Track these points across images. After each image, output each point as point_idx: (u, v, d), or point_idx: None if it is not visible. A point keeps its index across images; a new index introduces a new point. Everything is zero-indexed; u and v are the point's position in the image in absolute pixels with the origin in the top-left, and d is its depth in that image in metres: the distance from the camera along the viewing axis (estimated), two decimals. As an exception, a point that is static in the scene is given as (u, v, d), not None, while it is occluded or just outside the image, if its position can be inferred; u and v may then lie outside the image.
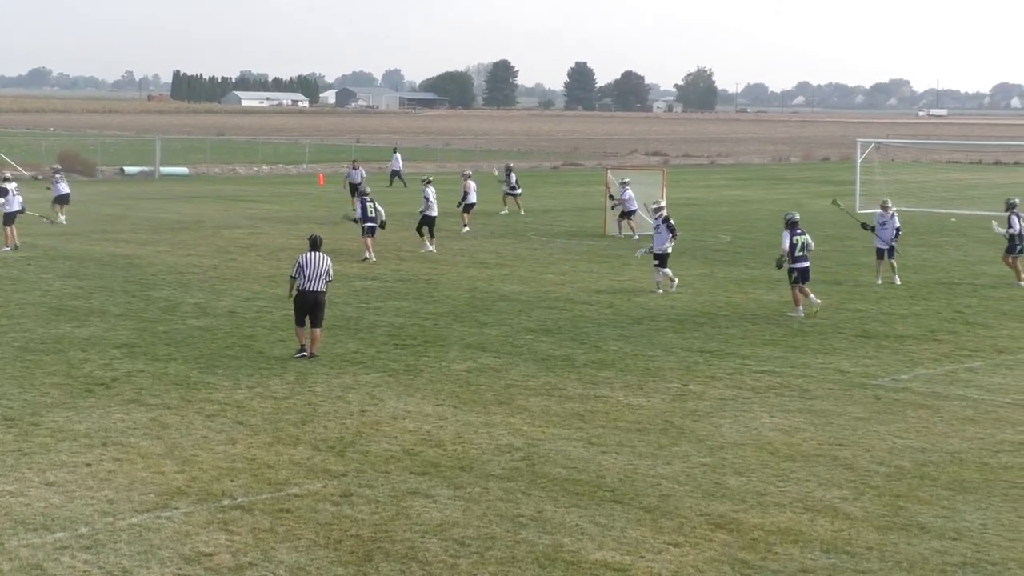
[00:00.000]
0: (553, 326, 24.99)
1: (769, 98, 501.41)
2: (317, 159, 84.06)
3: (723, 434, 17.09)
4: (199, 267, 32.59)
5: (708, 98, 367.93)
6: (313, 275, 21.41)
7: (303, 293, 21.39)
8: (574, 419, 17.76)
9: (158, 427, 16.83)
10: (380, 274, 31.90)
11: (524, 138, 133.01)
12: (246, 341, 22.81)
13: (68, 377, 19.65)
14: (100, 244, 37.13)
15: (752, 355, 22.48)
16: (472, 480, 14.80)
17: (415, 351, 22.23)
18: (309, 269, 21.44)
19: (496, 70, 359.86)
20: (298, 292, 21.46)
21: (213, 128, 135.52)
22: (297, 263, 21.73)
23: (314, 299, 21.40)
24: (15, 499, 13.71)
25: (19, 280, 29.57)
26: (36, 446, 15.77)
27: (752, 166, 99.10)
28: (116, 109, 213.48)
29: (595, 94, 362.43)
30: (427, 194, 37.07)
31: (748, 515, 13.72)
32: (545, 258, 36.23)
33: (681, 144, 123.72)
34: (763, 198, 62.95)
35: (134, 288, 28.74)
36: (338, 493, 14.19)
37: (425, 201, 37.03)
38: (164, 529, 12.92)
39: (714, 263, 35.53)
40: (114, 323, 24.32)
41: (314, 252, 21.72)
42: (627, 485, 14.70)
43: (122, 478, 14.56)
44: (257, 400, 18.45)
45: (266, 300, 27.31)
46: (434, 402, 18.59)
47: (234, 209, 50.60)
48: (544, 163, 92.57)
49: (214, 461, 15.32)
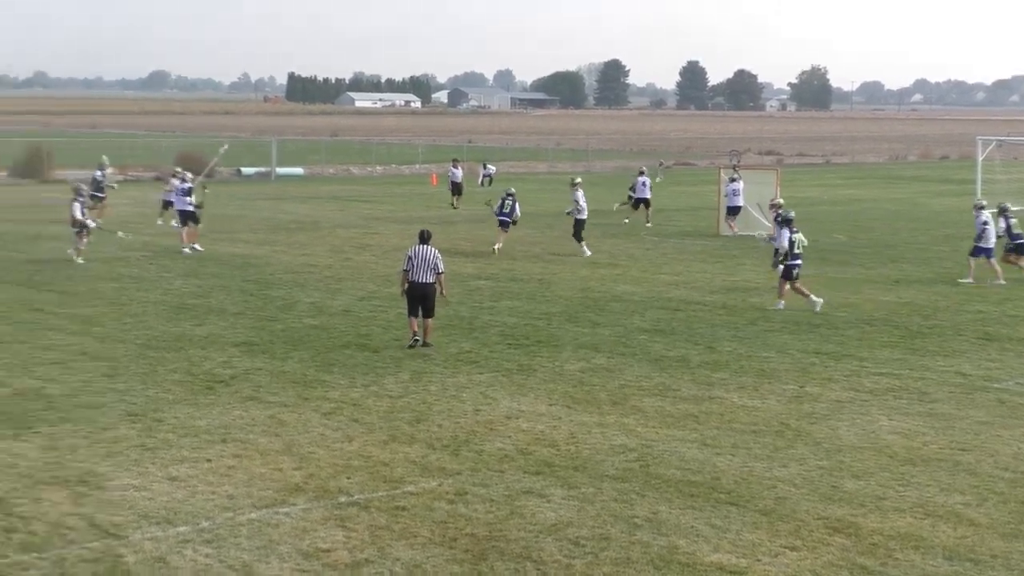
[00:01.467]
0: (667, 326, 24.89)
1: (885, 96, 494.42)
2: (430, 159, 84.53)
3: (840, 437, 16.89)
4: (315, 266, 32.96)
5: (823, 96, 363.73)
6: (421, 267, 22.28)
7: (413, 285, 22.30)
8: (688, 420, 17.68)
9: (276, 424, 17.06)
10: (493, 274, 32.01)
11: (635, 138, 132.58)
12: (361, 340, 23.02)
13: (188, 374, 19.99)
14: (218, 244, 37.70)
15: (870, 357, 22.19)
16: (586, 480, 14.79)
17: (528, 351, 22.27)
18: (417, 261, 22.31)
19: (607, 69, 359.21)
20: (408, 284, 22.31)
21: (327, 129, 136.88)
22: (407, 256, 22.61)
23: (423, 291, 22.28)
24: (139, 493, 13.98)
25: (141, 279, 30.14)
26: (159, 441, 16.07)
27: (868, 165, 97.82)
28: (233, 111, 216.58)
29: (707, 93, 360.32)
30: (576, 197, 36.79)
31: (867, 519, 13.55)
32: (658, 258, 36.09)
33: (795, 143, 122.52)
34: (879, 197, 62.12)
35: (252, 287, 29.15)
36: (453, 492, 14.27)
37: (575, 204, 36.73)
38: (283, 525, 13.09)
39: (829, 263, 35.11)
40: (232, 321, 24.69)
41: (423, 245, 22.56)
42: (743, 487, 14.59)
43: (241, 474, 14.79)
44: (373, 398, 18.61)
45: (381, 299, 27.54)
46: (548, 402, 18.62)
47: (349, 209, 51.10)
48: (656, 163, 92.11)
49: (331, 458, 15.49)
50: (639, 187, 45.93)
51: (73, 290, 28.20)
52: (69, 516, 13.18)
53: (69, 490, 14.04)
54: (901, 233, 44.20)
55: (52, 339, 22.60)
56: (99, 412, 17.48)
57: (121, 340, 22.65)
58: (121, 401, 18.14)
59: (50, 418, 17.13)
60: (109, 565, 11.88)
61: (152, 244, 36.88)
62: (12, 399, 18.17)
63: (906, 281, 31.85)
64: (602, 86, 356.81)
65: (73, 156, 74.72)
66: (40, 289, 28.26)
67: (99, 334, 23.18)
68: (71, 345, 22.10)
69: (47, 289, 28.27)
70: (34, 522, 12.97)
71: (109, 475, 14.61)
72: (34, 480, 14.38)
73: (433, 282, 22.40)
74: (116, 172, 44.54)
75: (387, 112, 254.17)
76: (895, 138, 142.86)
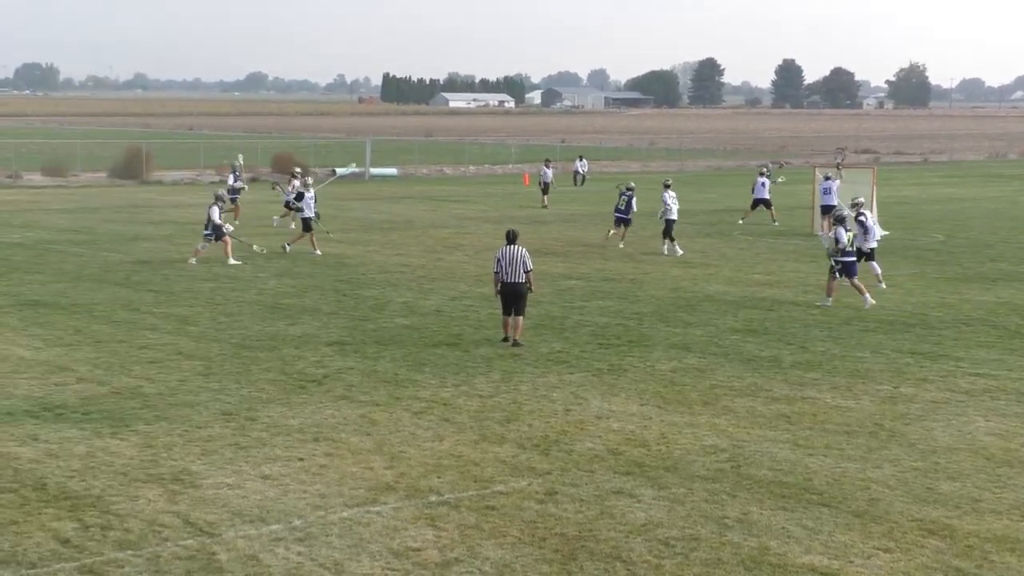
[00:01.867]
0: (759, 326, 24.71)
1: (986, 93, 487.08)
2: (523, 159, 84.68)
3: (935, 438, 16.67)
4: (407, 266, 33.15)
5: (921, 94, 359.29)
6: (510, 267, 22.54)
7: (504, 285, 22.56)
8: (780, 420, 17.54)
9: (367, 423, 17.18)
10: (584, 274, 31.98)
11: (730, 136, 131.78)
12: (452, 340, 23.11)
13: (282, 373, 20.19)
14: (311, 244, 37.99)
15: (966, 357, 21.87)
16: (677, 481, 14.73)
17: (619, 351, 22.23)
18: (506, 261, 22.61)
19: (702, 68, 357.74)
20: (501, 284, 22.58)
21: (421, 129, 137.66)
22: (496, 258, 22.96)
23: (513, 289, 22.53)
24: (232, 491, 14.16)
25: (236, 279, 30.50)
26: (252, 440, 16.26)
27: (967, 163, 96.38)
28: (328, 112, 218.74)
29: (803, 91, 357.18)
30: (665, 198, 36.71)
31: (962, 521, 13.35)
32: (751, 258, 35.84)
33: (892, 141, 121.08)
34: (978, 196, 61.19)
35: (345, 287, 29.38)
36: (543, 491, 14.28)
37: (664, 205, 36.66)
38: (373, 524, 13.18)
39: (926, 263, 34.67)
40: (325, 321, 24.90)
41: (511, 246, 22.83)
42: (835, 488, 14.45)
43: (333, 473, 14.91)
44: (463, 398, 18.68)
45: (472, 299, 27.63)
46: (638, 402, 18.56)
47: (441, 209, 51.33)
48: (751, 162, 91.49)
49: (421, 458, 15.56)
50: (757, 188, 45.62)
51: (169, 290, 28.61)
52: (164, 514, 13.37)
53: (164, 488, 14.25)
54: (1000, 232, 43.51)
55: (149, 338, 22.96)
56: (194, 411, 17.72)
57: (216, 339, 22.95)
58: (215, 400, 18.38)
59: (146, 416, 17.39)
60: (203, 563, 12.04)
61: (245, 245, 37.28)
62: (110, 397, 18.48)
63: (1004, 280, 31.34)
64: (696, 85, 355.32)
65: (172, 158, 76.00)
66: (137, 289, 28.71)
67: (194, 333, 23.51)
68: (167, 344, 22.43)
69: (144, 289, 28.72)
70: (129, 519, 13.18)
71: (203, 473, 14.80)
72: (130, 478, 14.61)
73: (524, 281, 22.60)
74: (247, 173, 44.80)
75: (481, 112, 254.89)
76: (995, 135, 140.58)
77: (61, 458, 15.36)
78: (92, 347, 22.13)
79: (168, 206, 51.54)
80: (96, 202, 52.81)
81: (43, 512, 13.36)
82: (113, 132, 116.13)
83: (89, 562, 11.99)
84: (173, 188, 62.70)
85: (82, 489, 14.16)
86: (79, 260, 33.72)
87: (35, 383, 19.32)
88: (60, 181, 64.27)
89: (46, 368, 20.38)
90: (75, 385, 19.24)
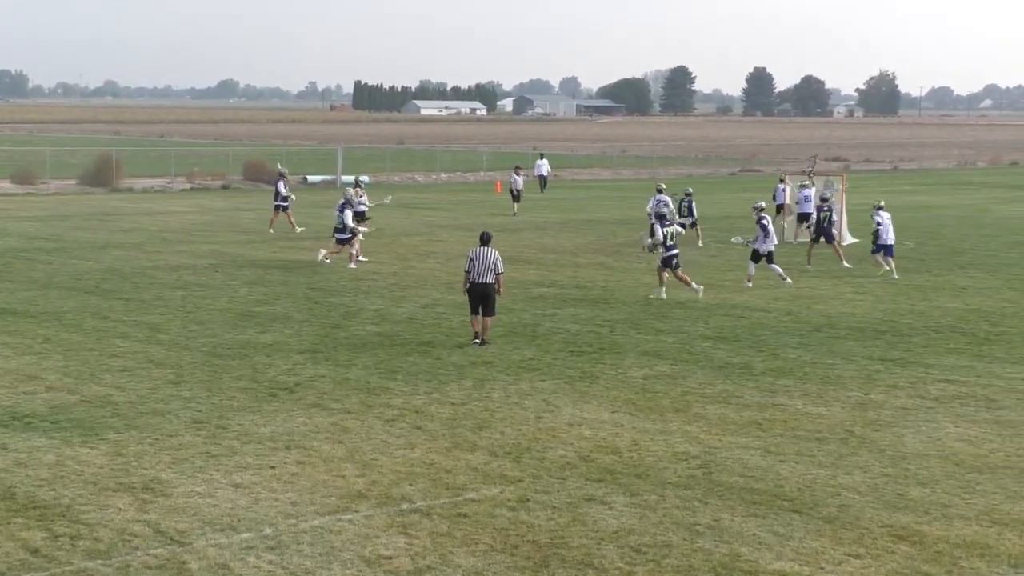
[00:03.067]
0: (730, 333, 24.78)
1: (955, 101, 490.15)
2: (494, 167, 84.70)
3: (905, 444, 16.75)
4: (379, 274, 33.10)
5: (891, 102, 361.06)
6: (482, 268, 23.07)
7: (474, 285, 23.09)
8: (752, 427, 17.59)
9: (339, 431, 17.14)
10: (556, 281, 32.01)
11: (701, 144, 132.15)
12: (424, 347, 23.10)
13: (253, 381, 20.14)
14: (283, 251, 37.98)
15: (936, 364, 21.98)
16: (648, 487, 14.75)
17: (591, 358, 22.26)
18: (479, 262, 23.11)
19: (673, 76, 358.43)
20: (470, 284, 23.10)
21: (393, 137, 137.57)
22: (469, 257, 23.47)
23: (483, 290, 23.06)
24: (203, 500, 14.11)
25: (207, 287, 30.40)
26: (223, 448, 16.21)
27: (936, 171, 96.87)
28: (300, 119, 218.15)
29: (774, 99, 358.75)
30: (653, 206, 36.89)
31: (932, 527, 13.42)
32: (723, 265, 35.92)
33: (862, 149, 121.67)
34: (948, 203, 61.53)
35: (316, 295, 29.32)
36: (515, 499, 14.28)
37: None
38: (345, 532, 13.15)
39: (897, 270, 34.79)
40: (297, 329, 24.85)
41: (484, 247, 23.36)
42: (806, 495, 14.50)
43: (305, 481, 14.88)
44: (435, 406, 18.67)
45: (444, 307, 27.62)
46: (610, 409, 18.59)
47: (413, 216, 51.31)
48: (722, 169, 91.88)
49: (393, 465, 15.55)
50: (778, 194, 45.70)
51: (140, 298, 28.50)
52: (134, 523, 13.31)
53: (134, 496, 14.18)
54: (969, 239, 43.76)
55: (119, 347, 22.86)
56: (164, 419, 17.65)
57: (187, 347, 22.87)
58: (186, 408, 18.31)
59: (116, 425, 17.32)
60: (173, 572, 11.99)
61: (219, 252, 37.16)
62: (80, 406, 18.39)
63: (974, 288, 31.53)
64: (668, 93, 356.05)
65: (142, 165, 75.74)
66: (108, 297, 28.58)
67: (165, 341, 23.42)
68: (137, 353, 22.34)
69: (115, 297, 28.59)
70: (99, 529, 13.11)
71: (174, 482, 14.75)
72: (100, 487, 14.54)
73: (493, 282, 23.08)
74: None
75: (453, 120, 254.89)
76: (964, 144, 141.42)
77: (30, 467, 15.28)
78: (62, 355, 22.02)
79: (139, 214, 51.33)
80: (66, 210, 52.56)
81: (12, 522, 13.28)
82: (83, 139, 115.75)
83: (59, 572, 11.93)
84: (143, 196, 62.44)
85: (51, 498, 14.09)
86: (48, 268, 33.56)
87: (3, 392, 19.21)
88: (29, 189, 63.92)
89: (15, 377, 20.26)
90: (44, 394, 19.14)
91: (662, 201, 39.28)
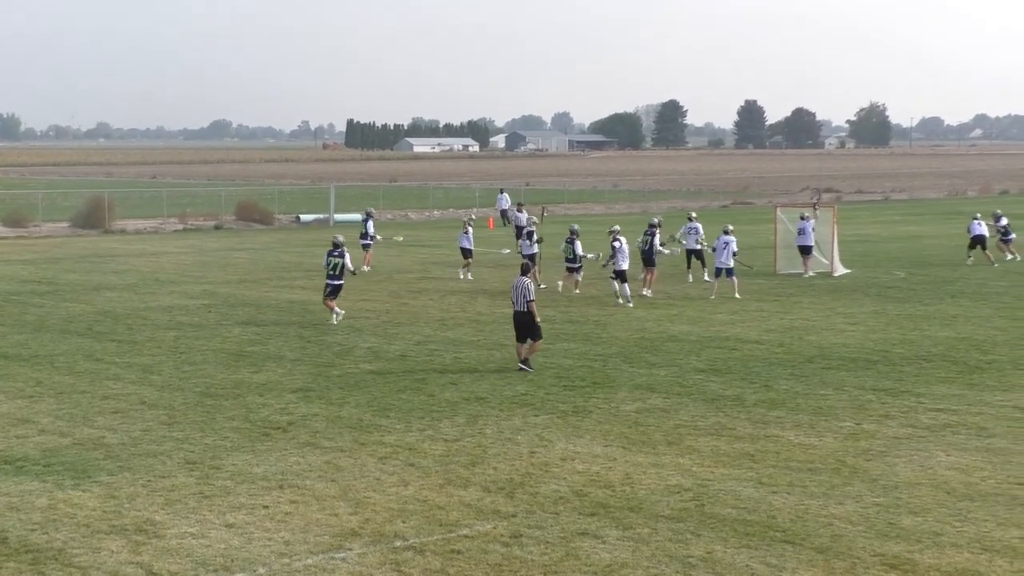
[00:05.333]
0: (723, 366, 24.84)
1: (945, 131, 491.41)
2: (487, 203, 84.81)
3: (897, 473, 16.79)
4: (372, 312, 33.14)
5: (882, 133, 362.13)
6: (519, 297, 24.52)
7: (515, 313, 24.65)
8: (744, 459, 17.62)
9: (332, 469, 17.16)
10: (549, 316, 32.01)
11: (694, 177, 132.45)
12: (417, 384, 23.13)
13: (246, 421, 20.16)
14: (277, 291, 38.04)
15: (927, 393, 22.04)
16: (641, 521, 14.78)
17: (584, 392, 22.30)
18: (516, 292, 24.61)
19: (665, 110, 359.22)
20: (514, 312, 24.70)
21: (386, 175, 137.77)
22: (512, 287, 25.01)
23: (521, 317, 24.53)
24: (196, 540, 14.11)
25: (201, 327, 30.43)
26: (216, 488, 16.22)
27: (927, 201, 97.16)
28: (292, 158, 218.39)
29: (765, 132, 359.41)
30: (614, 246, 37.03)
31: (924, 556, 13.45)
32: (715, 298, 35.97)
33: (854, 180, 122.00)
34: (938, 233, 61.64)
35: (309, 334, 29.36)
36: (508, 534, 14.29)
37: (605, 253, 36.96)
38: (338, 570, 13.16)
39: (887, 300, 34.91)
40: (290, 368, 24.88)
41: (521, 277, 25.00)
42: (799, 525, 14.53)
43: (298, 520, 14.89)
44: (428, 442, 18.69)
45: (437, 343, 27.66)
46: (603, 443, 18.62)
47: (406, 254, 51.37)
48: (714, 202, 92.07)
49: (387, 503, 15.56)
50: (973, 227, 46.05)
51: (132, 339, 28.53)
52: (127, 565, 13.32)
53: (127, 539, 14.19)
54: (960, 269, 43.86)
55: (111, 388, 22.88)
56: (157, 460, 17.67)
57: (180, 388, 22.90)
58: (179, 449, 18.33)
59: (109, 467, 17.33)
60: (166, 611, 11.99)
61: (211, 292, 37.19)
62: (72, 448, 18.40)
63: (964, 316, 31.61)
64: (660, 127, 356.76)
65: (135, 207, 75.85)
66: (100, 339, 28.61)
67: (158, 383, 23.44)
68: (130, 394, 22.37)
69: (107, 339, 28.62)
70: (92, 572, 13.12)
71: (167, 523, 14.76)
72: (92, 529, 14.55)
73: (525, 310, 24.33)
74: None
75: (445, 157, 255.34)
76: (955, 173, 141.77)
77: (22, 511, 15.28)
78: (54, 398, 22.04)
79: (131, 255, 51.39)
80: (58, 252, 52.62)
81: (4, 566, 13.28)
82: (75, 182, 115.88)
83: (52, 614, 11.92)
84: (136, 237, 62.52)
85: (44, 542, 14.09)
86: (41, 311, 33.59)
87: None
88: (21, 232, 63.98)
89: (7, 420, 20.27)
90: (37, 437, 19.15)
91: (693, 228, 40.74)
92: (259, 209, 72.92)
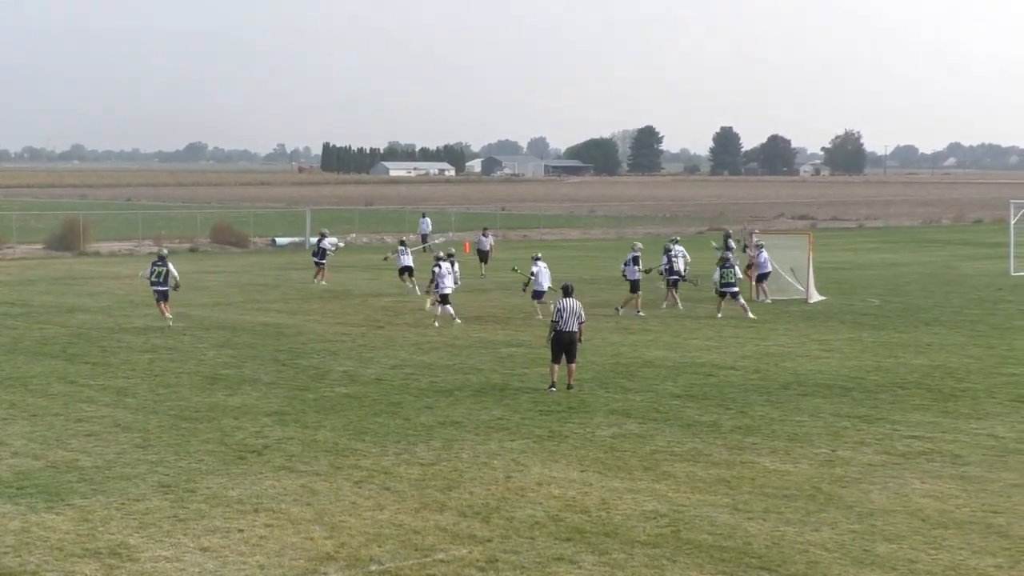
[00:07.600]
0: (699, 392, 24.87)
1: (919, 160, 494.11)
2: (463, 227, 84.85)
3: (872, 500, 16.82)
4: (347, 335, 33.09)
5: (856, 160, 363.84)
6: (570, 317, 24.75)
7: (560, 333, 24.72)
8: (720, 485, 17.63)
9: (308, 493, 17.11)
10: (525, 340, 32.05)
11: (669, 203, 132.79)
12: (393, 408, 23.09)
13: (221, 444, 20.08)
14: (252, 314, 37.95)
15: (902, 420, 22.11)
16: (617, 546, 14.76)
17: (560, 417, 22.29)
18: (567, 313, 24.78)
19: (641, 136, 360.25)
20: (555, 332, 24.74)
21: (362, 198, 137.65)
22: (557, 308, 25.04)
23: (569, 338, 24.77)
24: (171, 564, 14.04)
25: (175, 350, 30.33)
26: (191, 512, 16.14)
27: (902, 228, 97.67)
28: (268, 181, 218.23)
29: (741, 158, 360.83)
30: (533, 270, 37.96)
31: (899, 583, 13.46)
32: (691, 323, 36.07)
33: (829, 207, 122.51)
34: (913, 261, 61.98)
35: (284, 356, 29.29)
36: (484, 559, 14.26)
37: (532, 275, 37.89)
38: (313, 594, 13.10)
39: (863, 327, 35.03)
40: (265, 391, 24.81)
41: (568, 298, 25.07)
42: (774, 552, 14.54)
43: (273, 543, 14.83)
44: (404, 466, 18.65)
45: (413, 367, 27.63)
46: (579, 468, 18.61)
47: (382, 278, 51.33)
48: (690, 228, 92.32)
49: (362, 527, 15.51)
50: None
51: (107, 362, 28.41)
52: (101, 587, 13.23)
53: (101, 562, 14.10)
54: (934, 296, 44.06)
55: (85, 411, 22.77)
56: (131, 483, 17.58)
57: (154, 411, 22.80)
58: (153, 472, 18.24)
59: (83, 490, 17.23)
60: (140, 635, 11.92)
61: (185, 315, 37.07)
62: (45, 471, 18.30)
63: (939, 344, 31.74)
64: (636, 152, 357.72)
65: (109, 229, 75.61)
66: (74, 361, 28.49)
67: (132, 405, 23.34)
68: (104, 417, 22.26)
69: (81, 361, 28.50)
70: (66, 593, 13.03)
71: (141, 547, 14.67)
72: (66, 552, 14.45)
73: (576, 331, 24.71)
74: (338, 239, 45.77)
75: (421, 181, 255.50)
76: (929, 202, 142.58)
77: (-4, 533, 15.18)
78: (27, 421, 21.92)
79: (106, 277, 51.21)
80: (32, 274, 52.42)
81: (-23, 588, 13.19)
82: (49, 204, 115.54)
83: (24, 638, 11.84)
84: (111, 259, 62.32)
85: (17, 565, 14.00)
86: (14, 333, 33.43)
87: (-30, 457, 19.09)
88: (-5, 253, 63.72)
89: (-19, 442, 20.13)
90: (9, 459, 19.03)
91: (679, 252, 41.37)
92: (234, 232, 72.85)
